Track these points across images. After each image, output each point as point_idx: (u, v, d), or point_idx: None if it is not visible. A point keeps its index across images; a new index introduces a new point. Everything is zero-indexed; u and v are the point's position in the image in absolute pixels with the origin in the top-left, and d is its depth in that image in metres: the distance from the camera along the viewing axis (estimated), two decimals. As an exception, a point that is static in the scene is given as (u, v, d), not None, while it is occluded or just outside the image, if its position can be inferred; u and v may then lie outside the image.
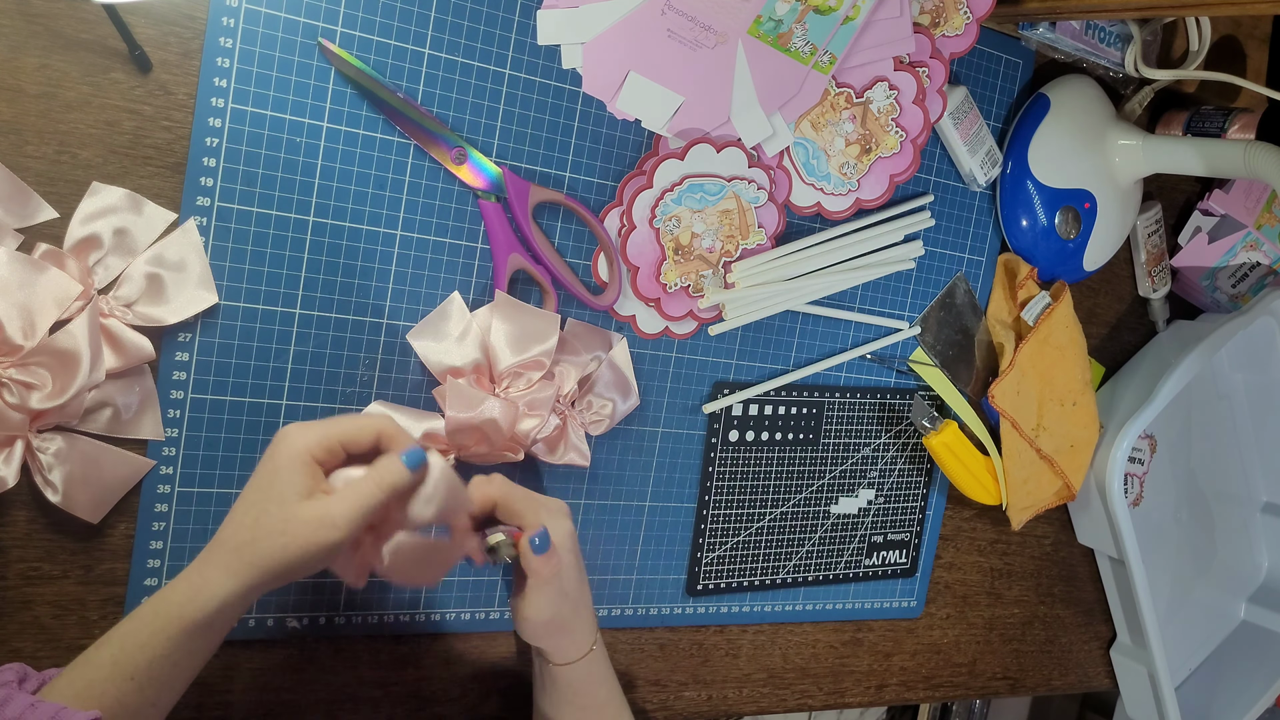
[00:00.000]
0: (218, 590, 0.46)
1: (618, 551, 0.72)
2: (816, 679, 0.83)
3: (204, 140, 0.56)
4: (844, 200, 0.71)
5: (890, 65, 0.68)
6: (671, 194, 0.65)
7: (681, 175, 0.66)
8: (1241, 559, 1.08)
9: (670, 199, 0.66)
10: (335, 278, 0.60)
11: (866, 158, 0.70)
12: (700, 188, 0.66)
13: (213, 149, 0.56)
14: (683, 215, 0.66)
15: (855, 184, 0.71)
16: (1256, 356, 1.01)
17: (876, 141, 0.70)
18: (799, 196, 0.71)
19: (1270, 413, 1.04)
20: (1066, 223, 0.83)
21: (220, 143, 0.56)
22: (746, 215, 0.68)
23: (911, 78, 0.69)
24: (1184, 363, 0.86)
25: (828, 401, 0.79)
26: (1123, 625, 1.00)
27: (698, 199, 0.67)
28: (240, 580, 0.47)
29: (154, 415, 0.56)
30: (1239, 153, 0.76)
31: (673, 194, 0.65)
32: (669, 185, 0.65)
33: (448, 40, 0.61)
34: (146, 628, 0.46)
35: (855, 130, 0.69)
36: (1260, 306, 0.90)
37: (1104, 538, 0.92)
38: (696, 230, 0.67)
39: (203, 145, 0.56)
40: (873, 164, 0.71)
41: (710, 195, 0.67)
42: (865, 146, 0.70)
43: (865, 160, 0.70)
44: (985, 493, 0.83)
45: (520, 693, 0.70)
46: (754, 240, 0.69)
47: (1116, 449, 0.86)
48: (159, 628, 0.46)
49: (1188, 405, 1.02)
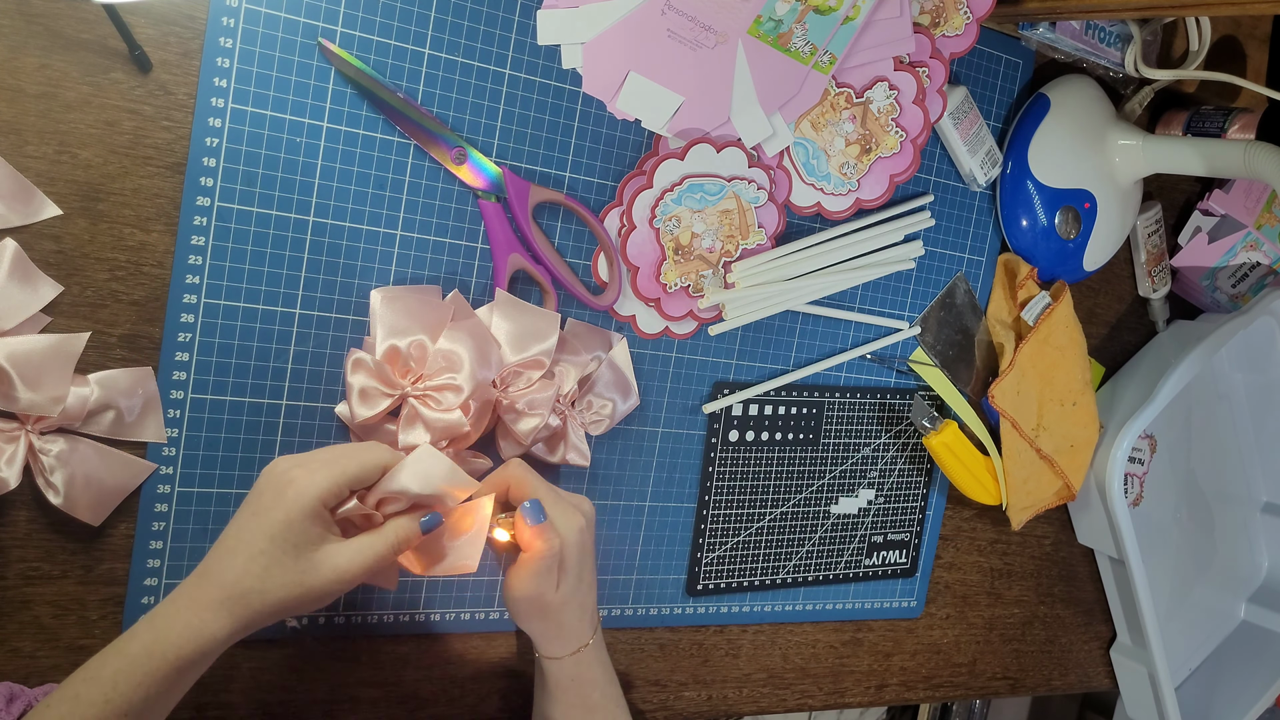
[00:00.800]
0: (217, 633, 0.46)
1: (617, 551, 0.72)
2: (816, 679, 0.83)
3: (204, 140, 0.56)
4: (844, 200, 0.71)
5: (890, 65, 0.68)
6: (671, 194, 0.65)
7: (681, 175, 0.66)
8: (1241, 559, 1.08)
9: (670, 199, 0.66)
10: (335, 278, 0.60)
11: (866, 158, 0.70)
12: (700, 188, 0.66)
13: (213, 149, 0.56)
14: (682, 215, 0.66)
15: (855, 184, 0.71)
16: (1256, 357, 1.01)
17: (877, 141, 0.70)
18: (799, 196, 0.71)
19: (1270, 413, 1.04)
20: (1066, 223, 0.83)
21: (220, 143, 0.56)
22: (746, 215, 0.68)
23: (911, 78, 0.69)
24: (1184, 363, 0.86)
25: (828, 401, 0.79)
26: (1123, 625, 1.00)
27: (697, 199, 0.67)
28: (242, 623, 0.47)
29: (156, 418, 0.56)
30: (1239, 153, 0.76)
31: (672, 194, 0.65)
32: (669, 185, 0.65)
33: (448, 40, 0.61)
34: (141, 668, 0.45)
35: (855, 130, 0.69)
36: (1260, 306, 0.90)
37: (1104, 538, 0.92)
38: (696, 230, 0.67)
39: (203, 145, 0.56)
40: (873, 164, 0.71)
41: (710, 195, 0.67)
42: (865, 146, 0.70)
43: (865, 160, 0.70)
44: (985, 493, 0.83)
45: (520, 693, 0.70)
46: (754, 240, 0.69)
47: (1116, 449, 0.86)
48: (154, 668, 0.45)
49: (1188, 405, 1.02)
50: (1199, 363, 0.86)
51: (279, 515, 0.47)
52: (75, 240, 0.54)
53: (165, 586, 0.58)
